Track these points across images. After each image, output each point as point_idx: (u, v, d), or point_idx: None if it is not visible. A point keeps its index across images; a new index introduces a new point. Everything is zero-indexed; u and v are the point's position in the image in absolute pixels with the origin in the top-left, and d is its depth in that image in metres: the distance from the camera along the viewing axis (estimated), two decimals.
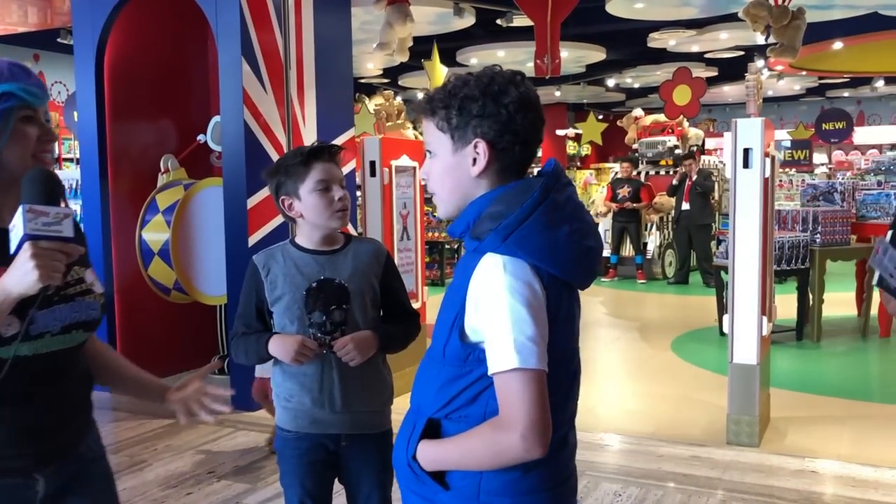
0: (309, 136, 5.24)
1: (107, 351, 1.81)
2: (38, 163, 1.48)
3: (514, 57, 12.36)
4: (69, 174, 6.90)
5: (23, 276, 1.31)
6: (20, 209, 1.32)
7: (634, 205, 10.61)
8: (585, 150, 20.37)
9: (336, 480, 2.28)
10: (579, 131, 17.89)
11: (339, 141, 5.44)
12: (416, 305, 3.20)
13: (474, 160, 1.40)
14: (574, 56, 12.69)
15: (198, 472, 3.95)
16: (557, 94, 18.00)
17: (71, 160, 10.52)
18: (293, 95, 5.10)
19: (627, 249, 10.93)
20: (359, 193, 5.52)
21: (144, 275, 5.42)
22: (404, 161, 5.16)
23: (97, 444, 1.68)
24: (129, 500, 3.58)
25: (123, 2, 5.28)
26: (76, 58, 5.49)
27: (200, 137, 5.66)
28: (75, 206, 5.83)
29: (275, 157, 4.96)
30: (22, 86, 1.45)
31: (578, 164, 20.25)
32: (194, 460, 4.10)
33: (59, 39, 9.64)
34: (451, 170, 1.42)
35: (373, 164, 4.94)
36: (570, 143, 20.07)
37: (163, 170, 5.61)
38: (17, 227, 1.33)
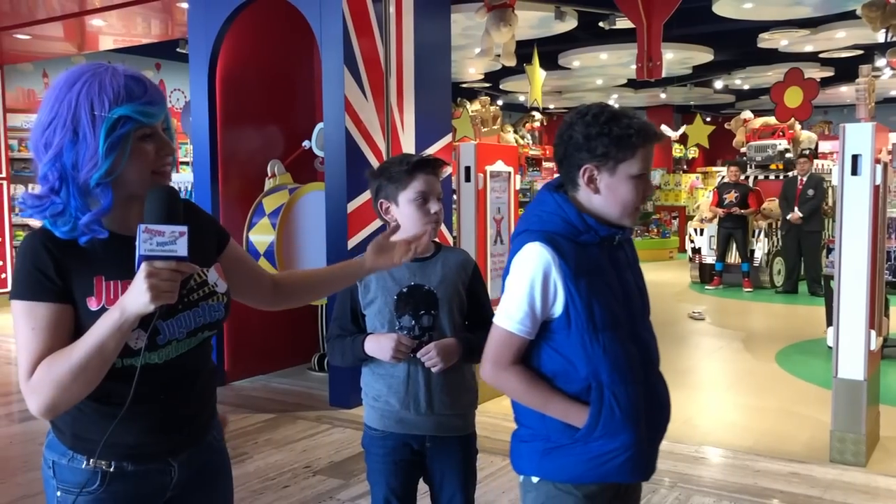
0: (407, 142, 5.35)
1: (291, 274, 1.97)
2: (158, 177, 1.51)
3: (618, 59, 12.15)
4: (184, 177, 7.27)
5: (137, 296, 1.36)
6: (139, 229, 1.37)
7: (742, 210, 10.28)
8: (693, 153, 19.80)
9: (421, 480, 2.34)
10: (682, 131, 17.34)
11: (436, 146, 5.53)
12: None
13: None
14: (680, 57, 12.37)
15: (295, 466, 4.10)
16: (663, 96, 17.60)
17: (187, 163, 11.05)
18: (392, 102, 5.22)
19: (734, 257, 10.60)
20: (454, 198, 5.58)
21: None
22: (499, 167, 5.19)
23: (220, 436, 1.78)
24: None
25: (235, 13, 5.52)
26: (191, 67, 5.77)
27: (305, 143, 5.86)
28: None
29: (374, 162, 5.09)
30: (136, 107, 1.44)
31: (685, 167, 19.69)
32: (292, 455, 4.26)
33: (178, 49, 10.14)
34: None
35: (468, 169, 5.00)
36: (675, 145, 19.53)
37: (269, 174, 5.84)
38: (136, 247, 1.39)
